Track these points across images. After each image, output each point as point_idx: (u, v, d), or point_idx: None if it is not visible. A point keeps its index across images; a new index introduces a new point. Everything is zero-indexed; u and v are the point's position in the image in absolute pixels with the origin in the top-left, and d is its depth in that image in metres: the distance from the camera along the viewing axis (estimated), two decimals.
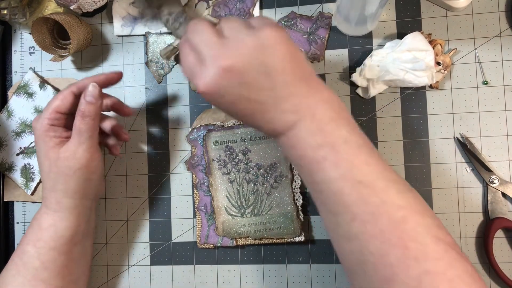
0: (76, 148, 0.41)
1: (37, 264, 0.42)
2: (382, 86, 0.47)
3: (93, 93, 0.42)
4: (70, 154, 0.41)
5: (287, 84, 0.32)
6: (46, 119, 0.42)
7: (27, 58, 0.55)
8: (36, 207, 0.54)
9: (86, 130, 0.41)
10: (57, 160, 0.41)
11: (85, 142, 0.41)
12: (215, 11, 0.51)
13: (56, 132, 0.42)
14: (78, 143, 0.41)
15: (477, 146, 0.47)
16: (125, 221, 0.52)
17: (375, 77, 0.46)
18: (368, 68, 0.46)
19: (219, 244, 0.49)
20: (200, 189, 0.50)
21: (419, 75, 0.45)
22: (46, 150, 0.42)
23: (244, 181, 0.48)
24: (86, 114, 0.41)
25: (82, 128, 0.41)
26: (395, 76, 0.45)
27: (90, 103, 0.42)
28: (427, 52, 0.44)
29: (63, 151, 0.41)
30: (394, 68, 0.45)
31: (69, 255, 0.43)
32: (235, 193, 0.48)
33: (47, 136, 0.42)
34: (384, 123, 0.48)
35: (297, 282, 0.49)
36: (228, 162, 0.48)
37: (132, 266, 0.52)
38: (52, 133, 0.42)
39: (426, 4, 0.48)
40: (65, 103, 0.42)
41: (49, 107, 0.42)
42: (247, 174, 0.48)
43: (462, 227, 0.47)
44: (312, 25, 0.50)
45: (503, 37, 0.47)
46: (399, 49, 0.45)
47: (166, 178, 0.52)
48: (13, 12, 0.51)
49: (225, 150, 0.48)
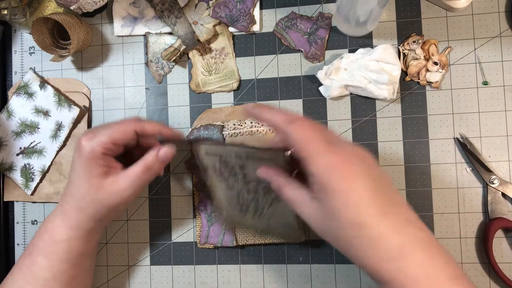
0: (125, 188, 0.41)
1: (48, 276, 0.42)
2: (343, 90, 0.48)
3: (167, 154, 0.42)
4: (116, 191, 0.41)
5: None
6: (100, 147, 0.40)
7: (27, 58, 0.55)
8: (36, 207, 0.54)
9: (145, 180, 0.42)
10: (99, 190, 0.41)
11: (135, 187, 0.41)
12: (216, 12, 0.51)
13: (105, 161, 0.41)
14: (130, 186, 0.41)
15: (477, 146, 0.47)
16: (125, 221, 0.52)
17: (339, 79, 0.47)
18: (335, 69, 0.47)
19: (219, 244, 0.49)
20: (200, 189, 0.50)
21: (380, 87, 0.46)
22: (89, 176, 0.41)
23: (243, 191, 0.46)
24: (152, 169, 0.41)
25: (142, 178, 0.41)
26: (358, 83, 0.46)
27: (161, 162, 0.42)
28: (395, 67, 0.45)
29: (110, 183, 0.41)
30: (359, 75, 0.46)
31: (80, 267, 0.44)
32: (234, 200, 0.46)
33: (95, 162, 0.40)
34: (384, 123, 0.48)
35: (297, 282, 0.49)
36: (224, 171, 0.46)
37: (132, 266, 0.52)
38: (101, 161, 0.41)
39: (426, 4, 0.48)
40: (125, 138, 0.41)
41: (107, 136, 0.40)
42: (246, 185, 0.46)
43: (462, 227, 0.47)
44: (312, 26, 0.50)
45: (503, 38, 0.47)
46: (368, 57, 0.46)
47: (166, 178, 0.52)
48: (13, 12, 0.51)
49: (220, 161, 0.45)
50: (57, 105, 0.52)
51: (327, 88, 0.48)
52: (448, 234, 0.47)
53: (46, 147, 0.53)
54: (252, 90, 0.51)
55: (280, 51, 0.50)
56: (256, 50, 0.51)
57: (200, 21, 0.51)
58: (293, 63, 0.50)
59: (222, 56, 0.51)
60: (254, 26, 0.50)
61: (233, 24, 0.50)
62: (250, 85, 0.51)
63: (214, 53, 0.51)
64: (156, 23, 0.52)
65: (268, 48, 0.51)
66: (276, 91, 0.50)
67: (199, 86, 0.51)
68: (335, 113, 0.49)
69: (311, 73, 0.50)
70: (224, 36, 0.51)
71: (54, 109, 0.52)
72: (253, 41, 0.51)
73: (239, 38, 0.51)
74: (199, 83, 0.51)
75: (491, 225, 0.45)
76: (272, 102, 0.50)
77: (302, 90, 0.50)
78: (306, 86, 0.50)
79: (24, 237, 0.54)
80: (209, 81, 0.51)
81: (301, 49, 0.50)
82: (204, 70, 0.51)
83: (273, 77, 0.50)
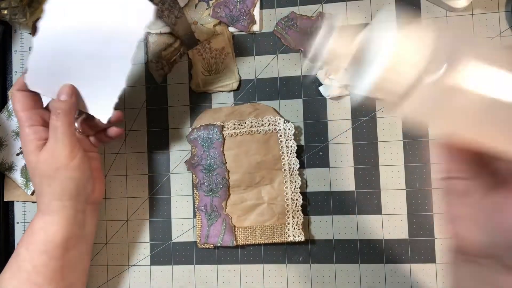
0: (53, 147, 0.41)
1: (29, 268, 0.41)
2: (343, 90, 0.48)
3: (65, 90, 0.42)
4: (49, 154, 0.41)
5: None
6: (22, 121, 0.42)
7: (27, 58, 0.55)
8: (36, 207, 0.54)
9: (61, 125, 0.41)
10: (38, 163, 0.41)
11: (61, 140, 0.41)
12: (216, 12, 0.51)
13: (36, 134, 0.42)
14: (55, 142, 0.41)
15: None
16: (125, 221, 0.52)
17: (339, 79, 0.47)
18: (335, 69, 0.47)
19: (219, 244, 0.49)
20: (200, 189, 0.50)
21: None
22: (28, 155, 0.42)
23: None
24: (59, 110, 0.41)
25: (56, 125, 0.41)
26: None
27: (63, 101, 0.41)
28: None
29: (42, 152, 0.41)
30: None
31: (62, 260, 0.42)
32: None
33: (27, 139, 0.42)
34: (384, 123, 0.48)
35: (297, 282, 0.49)
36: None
37: (132, 266, 0.52)
38: (32, 135, 0.42)
39: (426, 4, 0.48)
40: (28, 99, 0.42)
41: (17, 109, 0.42)
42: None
43: None
44: (312, 25, 0.50)
45: (503, 37, 0.47)
46: None
47: (166, 178, 0.52)
48: (13, 12, 0.51)
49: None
50: None
51: (327, 88, 0.48)
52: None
53: None
54: (252, 90, 0.51)
55: (280, 51, 0.50)
56: (256, 50, 0.51)
57: (200, 21, 0.51)
58: (293, 63, 0.50)
59: (222, 56, 0.51)
60: (254, 26, 0.50)
61: (233, 24, 0.50)
62: (250, 85, 0.51)
63: (214, 53, 0.51)
64: (156, 23, 0.52)
65: (268, 48, 0.51)
66: (276, 91, 0.50)
67: (199, 86, 0.51)
68: (335, 113, 0.49)
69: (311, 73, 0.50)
70: (224, 36, 0.51)
71: None
72: (253, 41, 0.51)
73: (239, 38, 0.51)
74: (199, 83, 0.51)
75: None
76: (272, 102, 0.50)
77: (302, 90, 0.50)
78: (306, 86, 0.50)
79: None
80: (209, 81, 0.51)
81: (301, 49, 0.50)
82: (204, 70, 0.51)
83: (273, 77, 0.50)
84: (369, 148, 0.48)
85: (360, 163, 0.48)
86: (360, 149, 0.48)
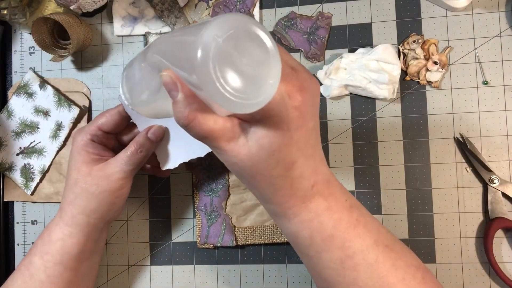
0: (114, 171, 0.41)
1: (43, 278, 0.41)
2: (343, 90, 0.48)
3: (157, 132, 0.42)
4: (104, 175, 0.41)
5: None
6: (88, 133, 0.42)
7: (27, 58, 0.55)
8: (36, 207, 0.54)
9: (134, 162, 0.41)
10: (87, 176, 0.41)
11: (126, 171, 0.41)
12: (215, 12, 0.51)
13: (95, 149, 0.42)
14: (119, 169, 0.41)
15: (477, 146, 0.46)
16: (125, 221, 0.52)
17: (339, 79, 0.47)
18: (335, 68, 0.47)
19: (219, 244, 0.49)
20: (200, 189, 0.50)
21: (381, 87, 0.46)
22: (79, 164, 0.41)
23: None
24: (142, 148, 0.41)
25: (132, 160, 0.41)
26: (358, 83, 0.46)
27: (151, 141, 0.42)
28: (395, 66, 0.45)
29: (98, 169, 0.41)
30: (359, 74, 0.46)
31: (76, 271, 0.43)
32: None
33: (84, 150, 0.41)
34: (384, 123, 0.48)
35: (297, 282, 0.49)
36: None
37: (132, 266, 0.52)
38: (90, 149, 0.42)
39: (426, 4, 0.48)
40: (109, 122, 0.42)
41: (94, 123, 0.42)
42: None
43: (462, 227, 0.47)
44: (312, 25, 0.50)
45: (503, 37, 0.47)
46: (368, 57, 0.46)
47: (166, 178, 0.52)
48: (13, 12, 0.51)
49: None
50: (57, 105, 0.52)
51: (327, 87, 0.48)
52: (448, 234, 0.47)
53: (46, 147, 0.53)
54: None
55: None
56: None
57: (200, 21, 0.51)
58: None
59: None
60: None
61: None
62: None
63: None
64: (156, 23, 0.52)
65: None
66: None
67: None
68: (335, 113, 0.49)
69: (311, 72, 0.50)
70: None
71: (54, 109, 0.52)
72: None
73: None
74: None
75: (491, 225, 0.45)
76: None
77: None
78: None
79: (24, 237, 0.54)
80: None
81: (301, 48, 0.50)
82: None
83: None
84: (369, 148, 0.48)
85: (360, 163, 0.48)
86: (360, 149, 0.48)
